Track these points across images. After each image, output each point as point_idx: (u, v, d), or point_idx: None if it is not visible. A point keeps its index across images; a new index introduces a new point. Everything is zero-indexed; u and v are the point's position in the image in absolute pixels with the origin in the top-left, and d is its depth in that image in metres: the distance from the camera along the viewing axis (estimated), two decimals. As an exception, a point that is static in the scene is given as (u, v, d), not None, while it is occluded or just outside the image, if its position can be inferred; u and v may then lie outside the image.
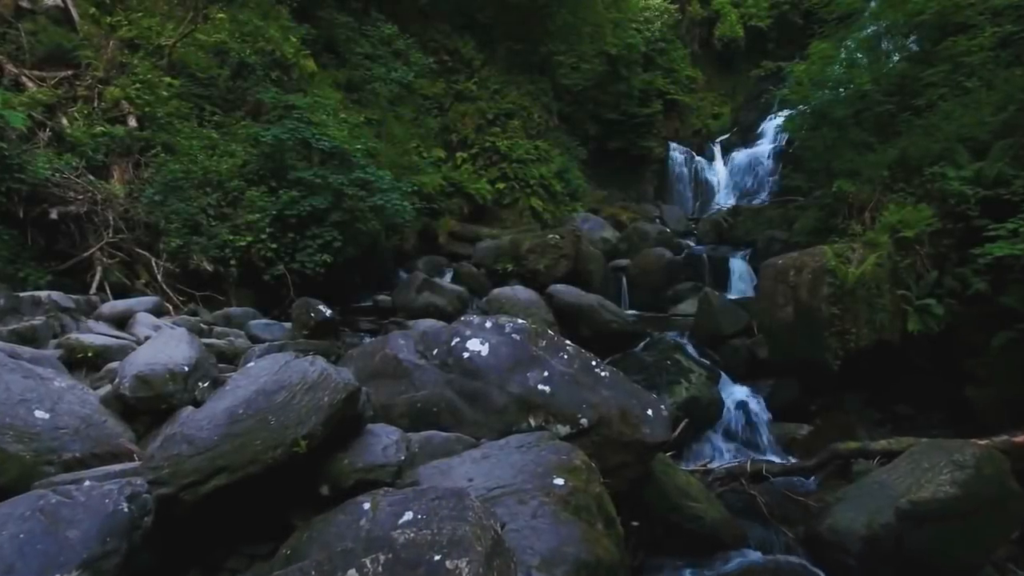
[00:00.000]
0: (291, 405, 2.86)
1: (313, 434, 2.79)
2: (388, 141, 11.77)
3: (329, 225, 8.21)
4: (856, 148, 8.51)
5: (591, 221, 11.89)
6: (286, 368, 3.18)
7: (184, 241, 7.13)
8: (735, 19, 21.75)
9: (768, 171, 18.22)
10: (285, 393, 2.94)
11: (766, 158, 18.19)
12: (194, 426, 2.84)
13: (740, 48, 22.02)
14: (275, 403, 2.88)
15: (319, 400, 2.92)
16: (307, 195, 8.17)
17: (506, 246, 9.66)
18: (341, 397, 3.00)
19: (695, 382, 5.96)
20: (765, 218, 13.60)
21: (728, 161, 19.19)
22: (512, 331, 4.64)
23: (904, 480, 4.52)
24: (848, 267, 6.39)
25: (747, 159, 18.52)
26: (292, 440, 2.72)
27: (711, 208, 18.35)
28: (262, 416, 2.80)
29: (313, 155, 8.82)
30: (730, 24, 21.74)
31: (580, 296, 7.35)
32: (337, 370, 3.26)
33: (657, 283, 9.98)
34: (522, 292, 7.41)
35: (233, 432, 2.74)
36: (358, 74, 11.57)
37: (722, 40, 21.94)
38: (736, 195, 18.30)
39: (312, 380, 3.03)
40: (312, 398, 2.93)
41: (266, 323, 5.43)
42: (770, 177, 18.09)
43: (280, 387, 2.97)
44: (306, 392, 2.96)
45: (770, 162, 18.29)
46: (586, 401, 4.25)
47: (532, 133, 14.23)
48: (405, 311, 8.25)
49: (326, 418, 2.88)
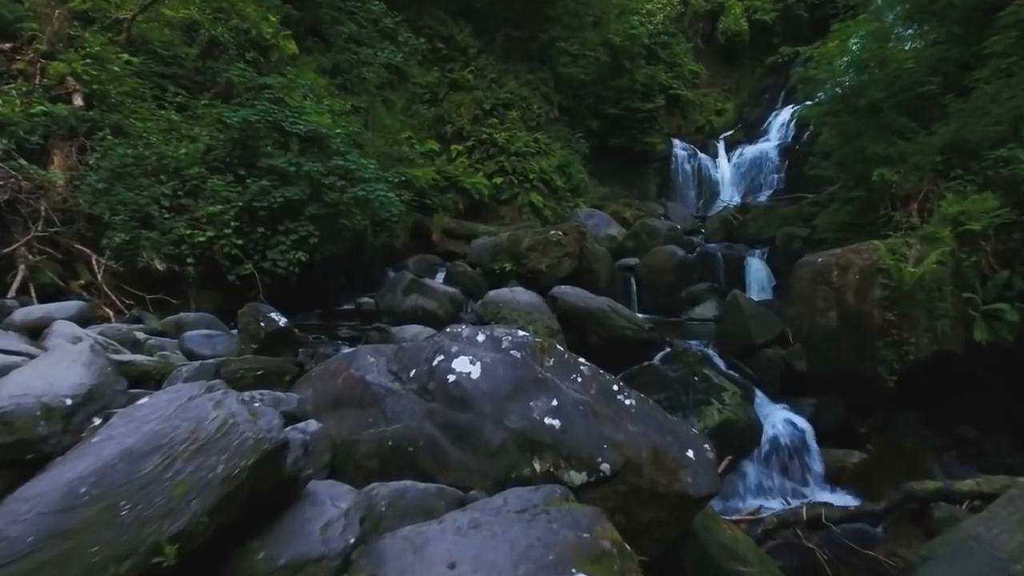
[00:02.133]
0: (161, 482, 1.76)
1: (192, 531, 1.70)
2: (376, 130, 10.68)
3: (305, 219, 7.10)
4: (893, 134, 7.43)
5: (596, 217, 10.79)
6: (182, 412, 2.09)
7: (132, 236, 6.03)
8: (739, 13, 20.69)
9: (774, 168, 17.52)
10: (159, 458, 1.85)
11: (772, 155, 17.46)
12: (11, 512, 1.75)
13: (744, 43, 20.99)
14: (138, 477, 1.78)
15: (210, 470, 1.83)
16: (280, 185, 7.06)
17: (504, 243, 8.55)
18: (250, 462, 1.91)
19: (729, 402, 4.87)
20: (777, 215, 12.57)
21: (732, 158, 18.34)
22: (511, 346, 3.56)
23: (1011, 537, 3.47)
24: (905, 266, 5.31)
25: (752, 156, 17.82)
26: (152, 546, 1.62)
27: (716, 206, 17.54)
28: (111, 501, 1.71)
29: (292, 143, 7.72)
30: (734, 18, 20.68)
31: (588, 299, 6.25)
32: (257, 413, 2.17)
33: (669, 284, 8.89)
34: (522, 294, 6.32)
35: (60, 529, 1.65)
36: (344, 58, 10.46)
37: (726, 34, 20.89)
38: (741, 193, 17.61)
39: (207, 435, 1.93)
40: (200, 466, 1.84)
41: (206, 334, 4.31)
42: (776, 174, 17.38)
43: (155, 447, 1.88)
44: (194, 456, 1.87)
45: (776, 159, 17.55)
46: (607, 439, 3.18)
47: (531, 125, 13.13)
48: (390, 315, 7.15)
49: (219, 501, 1.79)
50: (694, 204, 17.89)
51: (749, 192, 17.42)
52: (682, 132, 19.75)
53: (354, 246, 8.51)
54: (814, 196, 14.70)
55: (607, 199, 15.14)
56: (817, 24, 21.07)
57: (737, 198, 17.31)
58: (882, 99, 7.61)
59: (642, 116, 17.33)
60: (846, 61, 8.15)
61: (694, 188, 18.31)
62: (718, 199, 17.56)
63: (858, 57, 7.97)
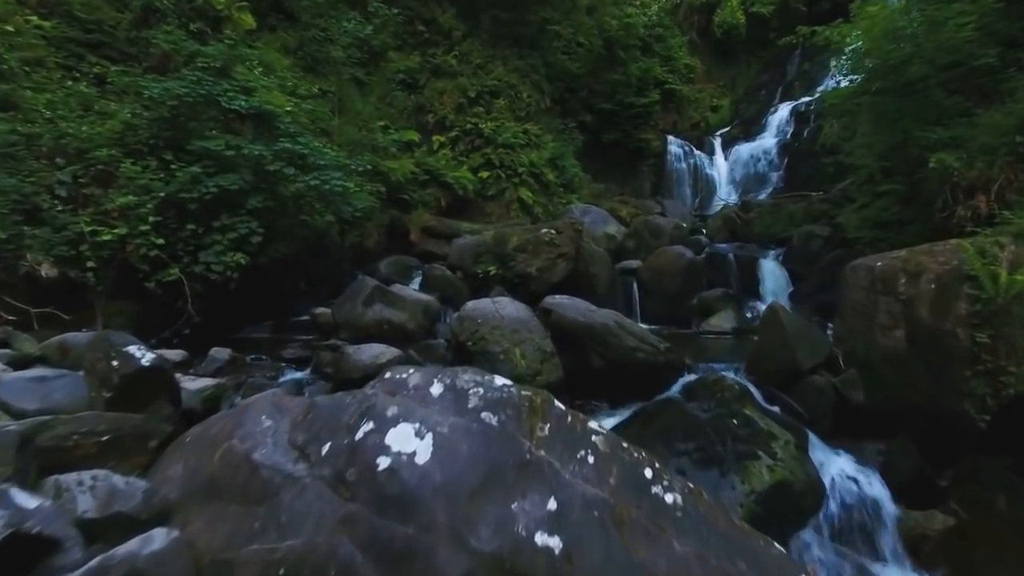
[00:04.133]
0: None
1: None
2: (347, 116, 9.27)
3: (246, 213, 5.69)
4: (942, 114, 6.14)
5: (592, 213, 9.41)
6: None
7: (12, 233, 4.60)
8: (736, 5, 19.40)
9: (773, 166, 16.49)
10: None
11: (770, 152, 16.41)
12: None
13: (740, 36, 19.73)
14: None
15: None
16: (216, 172, 5.65)
17: (489, 243, 7.17)
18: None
19: (781, 455, 3.53)
20: (785, 213, 11.31)
21: (729, 156, 17.26)
22: (483, 405, 2.21)
23: None
24: (1000, 272, 3.99)
25: (749, 153, 16.83)
26: None
27: (713, 205, 16.43)
28: None
29: (245, 127, 6.32)
30: (731, 10, 19.39)
31: (589, 313, 4.88)
32: None
33: (676, 289, 7.54)
34: (507, 306, 4.94)
35: None
36: (311, 35, 9.03)
37: (722, 27, 19.61)
38: (738, 191, 16.60)
39: None
40: None
41: (38, 377, 2.82)
42: (775, 172, 16.39)
43: None
44: None
45: (775, 156, 16.49)
46: (642, 569, 1.83)
47: (521, 115, 11.74)
48: (348, 330, 5.75)
49: None
50: (690, 203, 16.81)
51: (747, 190, 16.53)
52: (677, 128, 18.53)
53: (316, 245, 7.11)
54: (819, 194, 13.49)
55: (601, 196, 13.82)
56: (815, 18, 19.95)
57: (734, 196, 16.40)
58: (928, 74, 6.29)
59: (637, 111, 16.13)
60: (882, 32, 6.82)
61: (690, 186, 17.20)
62: (715, 197, 16.54)
63: (897, 27, 6.64)
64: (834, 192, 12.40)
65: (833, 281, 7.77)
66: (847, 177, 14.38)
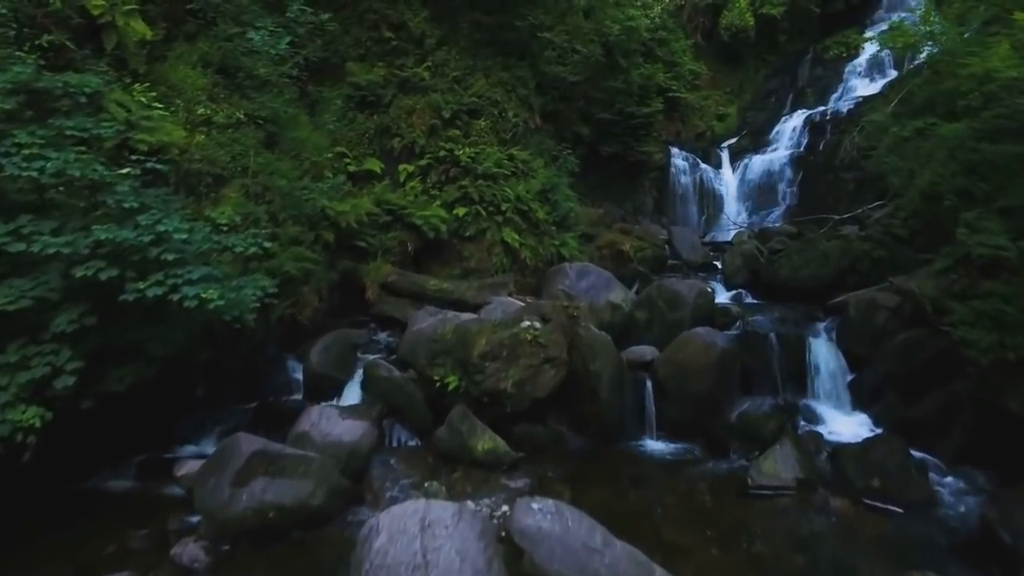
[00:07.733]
0: None
1: None
2: (283, 147, 6.92)
3: (51, 340, 3.39)
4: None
5: (591, 275, 6.96)
6: None
7: None
8: (744, 6, 16.90)
9: (786, 181, 14.36)
10: None
11: (782, 166, 14.34)
12: None
13: (749, 40, 17.27)
14: None
15: None
16: (7, 275, 3.35)
17: (449, 339, 4.85)
18: None
19: None
20: (817, 252, 9.02)
21: (737, 169, 15.08)
22: None
23: None
24: None
25: (760, 167, 14.55)
26: None
27: (722, 225, 14.28)
28: None
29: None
30: (739, 12, 16.89)
31: (589, 551, 2.58)
32: None
33: (704, 391, 5.23)
34: (444, 541, 2.57)
35: None
36: (232, 47, 6.62)
37: (729, 30, 17.12)
38: (748, 209, 14.53)
39: None
40: None
41: None
42: (788, 188, 14.35)
43: None
44: None
45: (788, 170, 14.35)
46: None
47: (506, 137, 9.34)
48: (212, 525, 3.43)
49: None
50: (696, 222, 14.63)
51: (757, 207, 14.42)
52: (681, 139, 16.16)
53: (204, 343, 4.80)
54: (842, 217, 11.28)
55: (599, 223, 11.46)
56: (827, 19, 17.50)
57: (744, 215, 14.24)
58: None
59: (638, 121, 13.77)
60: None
61: (695, 203, 14.97)
62: (722, 215, 14.38)
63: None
64: (865, 212, 10.12)
65: (912, 374, 5.50)
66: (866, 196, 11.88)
